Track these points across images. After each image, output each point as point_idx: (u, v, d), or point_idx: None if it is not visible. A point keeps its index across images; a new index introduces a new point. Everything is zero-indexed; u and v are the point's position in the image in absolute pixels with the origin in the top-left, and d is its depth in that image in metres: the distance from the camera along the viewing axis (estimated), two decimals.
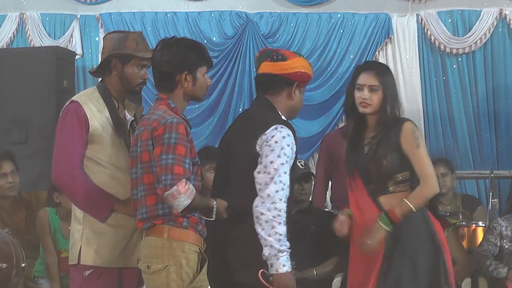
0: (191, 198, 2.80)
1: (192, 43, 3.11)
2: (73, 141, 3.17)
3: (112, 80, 3.31)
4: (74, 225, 3.24)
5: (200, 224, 2.97)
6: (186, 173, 2.82)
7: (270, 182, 2.89)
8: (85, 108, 3.20)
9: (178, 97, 3.02)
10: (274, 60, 3.12)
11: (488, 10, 6.20)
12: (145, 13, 6.42)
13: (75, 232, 3.22)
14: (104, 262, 3.18)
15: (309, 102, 6.27)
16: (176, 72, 2.99)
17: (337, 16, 6.31)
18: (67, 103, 3.27)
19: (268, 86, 3.12)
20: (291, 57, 3.15)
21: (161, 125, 2.87)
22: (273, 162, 2.91)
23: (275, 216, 2.86)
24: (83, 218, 3.20)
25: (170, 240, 2.88)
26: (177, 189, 2.77)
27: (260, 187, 2.91)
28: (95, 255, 3.17)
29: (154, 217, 2.91)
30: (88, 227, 3.19)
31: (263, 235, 2.87)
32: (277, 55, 3.14)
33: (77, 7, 6.50)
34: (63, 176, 3.17)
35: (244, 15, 6.36)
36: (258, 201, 2.89)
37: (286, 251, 2.88)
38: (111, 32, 3.49)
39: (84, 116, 3.18)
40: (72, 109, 3.21)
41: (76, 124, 3.18)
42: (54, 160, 3.20)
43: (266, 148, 2.94)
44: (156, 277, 2.88)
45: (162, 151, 2.83)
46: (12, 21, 6.48)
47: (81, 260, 3.17)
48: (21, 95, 5.56)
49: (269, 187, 2.89)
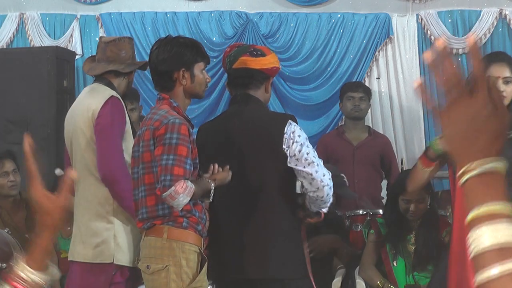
0: (190, 195, 2.79)
1: (187, 40, 3.13)
2: (120, 138, 3.21)
3: (122, 83, 3.43)
4: (99, 223, 3.22)
5: (200, 224, 2.97)
6: (186, 174, 2.82)
7: (317, 170, 3.03)
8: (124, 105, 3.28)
9: (179, 95, 3.04)
10: (254, 56, 3.19)
11: (488, 10, 6.20)
12: (145, 13, 6.42)
13: (103, 231, 3.21)
14: (131, 261, 3.21)
15: (309, 102, 6.28)
16: (172, 69, 3.00)
17: (337, 16, 6.31)
18: (107, 98, 3.28)
19: (249, 81, 3.20)
20: (268, 52, 3.27)
21: (163, 125, 2.87)
22: (308, 153, 3.04)
23: (331, 198, 3.11)
24: (114, 217, 3.20)
25: (169, 241, 2.89)
26: (175, 190, 2.77)
27: (307, 177, 3.03)
28: (127, 255, 3.18)
29: (154, 217, 2.92)
30: (119, 225, 3.20)
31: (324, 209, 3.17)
32: (256, 50, 3.25)
33: (77, 7, 6.49)
34: (117, 171, 3.17)
35: (244, 15, 6.35)
36: (319, 191, 3.04)
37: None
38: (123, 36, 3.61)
39: (124, 113, 3.24)
40: (116, 105, 3.26)
41: (122, 120, 3.24)
42: (107, 155, 3.18)
43: (295, 145, 3.04)
44: (156, 277, 2.88)
45: (163, 151, 2.84)
46: (12, 21, 6.47)
47: (115, 260, 3.18)
48: (21, 95, 5.56)
49: (318, 174, 3.02)
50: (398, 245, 4.08)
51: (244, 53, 3.20)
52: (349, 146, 5.23)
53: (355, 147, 5.22)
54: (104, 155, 3.18)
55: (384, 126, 6.20)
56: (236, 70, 3.21)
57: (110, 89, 3.34)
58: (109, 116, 3.22)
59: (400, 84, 6.24)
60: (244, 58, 3.18)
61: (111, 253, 3.18)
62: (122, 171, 3.18)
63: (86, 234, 3.24)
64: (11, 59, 5.72)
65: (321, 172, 3.03)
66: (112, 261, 3.18)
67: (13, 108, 5.57)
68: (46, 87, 5.60)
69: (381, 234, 4.12)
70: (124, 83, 3.46)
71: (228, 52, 3.27)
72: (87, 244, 3.24)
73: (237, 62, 3.19)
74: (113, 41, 3.49)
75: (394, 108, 6.24)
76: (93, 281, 3.22)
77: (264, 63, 3.20)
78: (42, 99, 5.58)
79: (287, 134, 3.04)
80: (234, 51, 3.23)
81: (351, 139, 5.26)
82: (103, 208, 3.21)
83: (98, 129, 3.22)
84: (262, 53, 3.23)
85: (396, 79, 6.27)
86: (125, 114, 3.27)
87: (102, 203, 3.22)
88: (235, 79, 3.25)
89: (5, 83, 5.60)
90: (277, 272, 3.03)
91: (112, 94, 3.30)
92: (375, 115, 6.23)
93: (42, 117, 5.54)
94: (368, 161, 5.18)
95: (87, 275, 3.25)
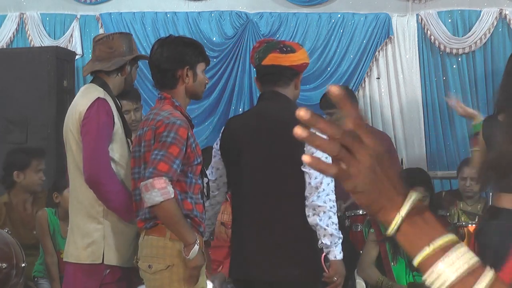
0: (165, 198, 2.77)
1: (189, 40, 3.16)
2: (106, 139, 3.19)
3: (117, 80, 3.36)
4: (90, 224, 3.22)
5: (202, 224, 2.97)
6: (170, 172, 2.80)
7: (323, 177, 2.93)
8: (111, 106, 3.24)
9: (180, 94, 3.05)
10: (284, 52, 3.15)
11: (488, 10, 6.19)
12: (145, 13, 6.42)
13: (93, 231, 3.21)
14: (123, 261, 3.19)
15: (309, 102, 6.27)
16: (177, 67, 3.01)
17: (337, 16, 6.31)
18: (93, 99, 3.25)
19: (278, 78, 3.16)
20: (298, 48, 3.23)
21: (164, 124, 2.88)
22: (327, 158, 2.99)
23: (331, 207, 2.98)
24: (104, 218, 3.20)
25: (172, 240, 2.88)
26: (152, 182, 2.76)
27: (311, 181, 2.97)
28: (118, 255, 3.18)
29: (156, 217, 2.91)
30: (108, 226, 3.19)
31: (322, 225, 2.96)
32: (286, 46, 3.19)
33: (77, 7, 6.49)
34: (102, 174, 3.15)
35: (244, 15, 6.36)
36: (314, 196, 2.97)
37: (340, 239, 3.00)
38: (113, 33, 3.53)
39: (112, 115, 3.21)
40: (102, 106, 3.22)
41: (108, 122, 3.20)
42: (90, 158, 3.16)
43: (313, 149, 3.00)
44: (158, 277, 2.88)
45: (157, 146, 2.85)
46: (12, 21, 6.47)
47: (105, 260, 3.18)
48: (21, 95, 5.55)
49: (324, 182, 2.96)
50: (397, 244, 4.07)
51: (274, 50, 3.16)
52: None
53: None
54: (87, 157, 3.17)
55: (384, 126, 6.20)
56: (265, 67, 3.17)
57: (100, 90, 3.30)
58: (95, 118, 3.20)
59: (400, 84, 6.23)
60: (274, 55, 3.15)
61: (100, 254, 3.18)
62: (106, 173, 3.16)
63: (77, 235, 3.24)
64: (11, 59, 5.72)
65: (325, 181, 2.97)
66: (102, 262, 3.17)
67: (13, 108, 5.57)
68: (46, 87, 5.60)
69: (381, 233, 4.12)
70: (119, 81, 3.39)
71: (257, 48, 3.25)
72: (78, 244, 3.24)
73: (267, 58, 3.16)
74: (101, 40, 3.46)
75: (394, 108, 6.24)
76: (85, 282, 3.23)
77: (294, 59, 3.17)
78: (42, 99, 5.57)
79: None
80: (263, 47, 3.20)
81: None
82: (93, 209, 3.20)
83: (83, 131, 3.21)
84: (292, 49, 3.19)
85: (396, 79, 6.27)
86: (113, 115, 3.22)
87: (92, 204, 3.21)
88: (264, 76, 3.21)
89: (5, 83, 5.60)
90: (293, 276, 3.03)
91: (98, 95, 3.25)
92: (375, 115, 6.24)
93: (42, 117, 5.53)
94: None
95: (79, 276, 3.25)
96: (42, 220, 4.48)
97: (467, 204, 5.04)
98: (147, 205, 2.81)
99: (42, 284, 4.58)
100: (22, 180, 4.63)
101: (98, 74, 3.38)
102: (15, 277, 3.74)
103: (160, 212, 2.80)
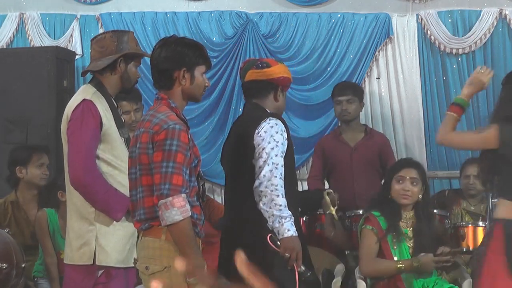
0: (184, 216, 2.79)
1: (191, 42, 3.12)
2: (91, 141, 3.18)
3: (112, 79, 3.33)
4: (83, 225, 3.22)
5: (198, 225, 2.97)
6: (184, 184, 2.81)
7: (264, 165, 3.28)
8: (98, 106, 3.21)
9: (177, 95, 3.01)
10: (259, 68, 3.55)
11: (488, 10, 6.19)
12: (145, 13, 6.41)
13: (85, 233, 3.21)
14: (117, 262, 3.19)
15: (309, 102, 6.27)
16: (173, 68, 2.98)
17: (337, 16, 6.30)
18: (79, 101, 3.24)
19: (256, 91, 3.56)
20: (274, 64, 3.63)
21: (163, 130, 2.85)
22: (264, 148, 3.31)
23: (272, 190, 3.25)
24: (95, 219, 3.20)
25: (168, 242, 2.88)
26: (172, 201, 2.76)
27: (256, 170, 3.31)
28: (110, 255, 3.18)
29: (152, 218, 2.91)
30: (101, 227, 3.19)
31: (265, 208, 3.26)
32: (262, 63, 3.61)
33: (77, 7, 6.49)
34: (86, 176, 3.15)
35: (244, 15, 6.35)
36: (257, 183, 3.29)
37: (288, 217, 3.24)
38: (107, 32, 3.52)
39: (98, 115, 3.20)
40: (87, 108, 3.20)
41: (93, 124, 3.19)
42: (74, 160, 3.17)
43: (258, 139, 3.35)
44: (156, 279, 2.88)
45: (163, 157, 2.82)
46: (12, 21, 6.46)
47: (97, 261, 3.17)
48: (21, 95, 5.56)
49: (264, 169, 3.28)
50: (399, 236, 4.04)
51: (251, 67, 3.57)
52: (346, 148, 5.24)
53: (353, 148, 5.23)
54: (71, 160, 3.17)
55: (384, 126, 6.20)
56: (246, 83, 3.60)
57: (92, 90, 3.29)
58: (79, 120, 3.19)
59: (400, 84, 6.23)
60: (252, 71, 3.56)
61: (92, 255, 3.18)
62: (90, 175, 3.15)
63: (72, 236, 3.25)
64: (11, 59, 5.72)
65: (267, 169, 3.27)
66: (94, 263, 3.17)
67: (13, 108, 5.57)
68: (46, 87, 5.60)
69: (382, 229, 4.05)
70: (115, 79, 3.35)
71: (242, 68, 3.67)
72: (73, 246, 3.25)
73: (247, 75, 3.57)
74: (94, 39, 3.45)
75: (394, 108, 6.23)
76: (79, 282, 3.24)
77: (268, 73, 3.53)
78: (42, 99, 5.58)
79: (257, 130, 3.36)
80: (245, 66, 3.62)
81: (348, 140, 5.27)
82: (85, 210, 3.20)
83: (68, 133, 3.22)
84: (267, 64, 3.58)
85: (396, 79, 6.26)
86: (99, 116, 3.20)
87: (84, 205, 3.21)
88: (246, 91, 3.65)
89: (5, 83, 5.60)
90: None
91: (85, 97, 3.24)
92: (375, 115, 6.23)
93: (42, 117, 5.54)
94: (366, 161, 5.18)
95: (75, 277, 3.26)
96: (42, 221, 4.48)
97: (470, 203, 5.03)
98: (166, 224, 2.81)
99: (42, 284, 4.58)
100: (25, 176, 4.67)
101: (95, 74, 3.38)
102: (15, 277, 3.74)
103: (176, 230, 2.80)
